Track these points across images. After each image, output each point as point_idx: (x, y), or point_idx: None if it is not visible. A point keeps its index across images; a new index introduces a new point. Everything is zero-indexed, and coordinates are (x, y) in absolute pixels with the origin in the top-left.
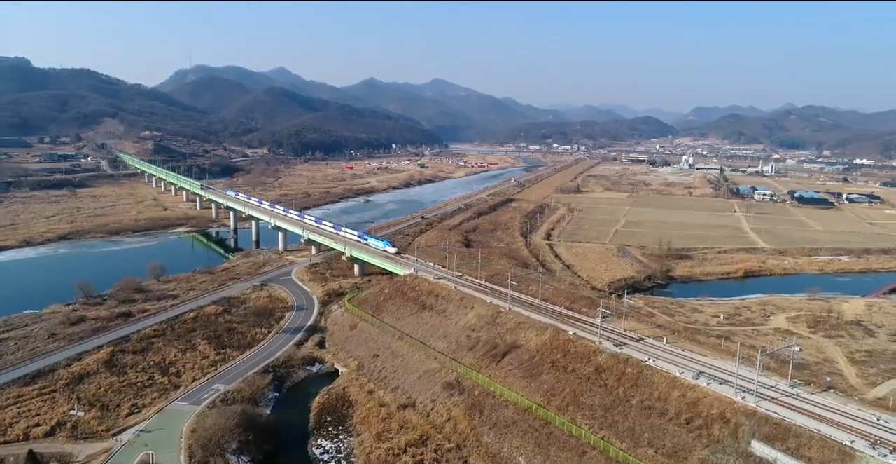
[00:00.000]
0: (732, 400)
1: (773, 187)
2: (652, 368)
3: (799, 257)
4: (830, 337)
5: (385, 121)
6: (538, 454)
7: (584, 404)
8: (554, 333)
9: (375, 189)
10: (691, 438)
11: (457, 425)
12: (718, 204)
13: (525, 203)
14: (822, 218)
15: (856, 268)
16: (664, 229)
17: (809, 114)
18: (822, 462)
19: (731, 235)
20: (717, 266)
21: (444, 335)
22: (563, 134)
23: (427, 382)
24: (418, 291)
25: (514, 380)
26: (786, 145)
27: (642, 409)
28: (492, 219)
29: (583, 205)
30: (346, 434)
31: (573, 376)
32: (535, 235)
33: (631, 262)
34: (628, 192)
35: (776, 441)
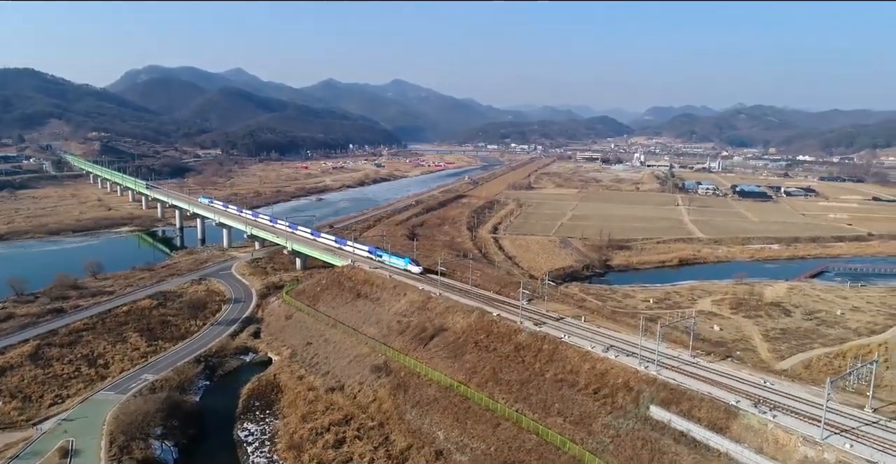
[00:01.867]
0: (636, 370)
1: (718, 182)
2: (567, 344)
3: (732, 246)
4: (750, 317)
5: (343, 121)
6: (455, 428)
7: (503, 380)
8: (480, 315)
9: (329, 188)
10: (597, 406)
11: (381, 405)
12: (663, 198)
13: (475, 199)
14: (759, 210)
15: (784, 255)
16: (608, 222)
17: (758, 113)
18: (710, 421)
19: (672, 227)
20: (654, 255)
21: (376, 322)
22: (521, 134)
23: (357, 366)
24: (354, 281)
25: (439, 361)
26: (735, 143)
27: (555, 382)
28: (440, 214)
29: (532, 200)
30: (273, 417)
31: (494, 355)
32: (482, 229)
33: (571, 252)
34: (578, 188)
35: (672, 405)
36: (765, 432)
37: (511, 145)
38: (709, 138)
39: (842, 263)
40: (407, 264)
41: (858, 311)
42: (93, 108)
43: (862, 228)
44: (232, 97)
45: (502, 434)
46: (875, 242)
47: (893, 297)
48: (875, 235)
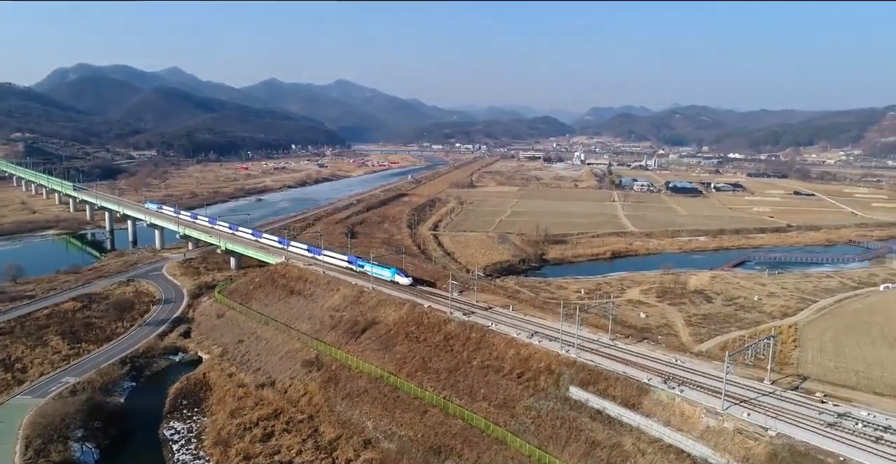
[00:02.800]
0: (558, 354)
1: (653, 179)
2: (494, 332)
3: (662, 239)
4: (674, 304)
5: (285, 122)
6: (385, 417)
7: (432, 369)
8: (411, 307)
9: (269, 188)
10: (520, 389)
11: (312, 399)
12: (600, 195)
13: (417, 198)
14: (689, 205)
15: (710, 246)
16: (547, 218)
17: (692, 113)
18: (624, 398)
19: (606, 222)
20: (588, 249)
21: (309, 317)
22: (466, 134)
23: (288, 361)
24: (288, 278)
25: (371, 353)
26: (671, 142)
27: (482, 368)
28: (380, 212)
29: (474, 198)
30: (201, 415)
31: (424, 345)
32: (422, 227)
33: (508, 247)
34: (519, 186)
35: (589, 385)
36: (672, 406)
37: (456, 145)
38: (646, 137)
39: (763, 252)
40: (394, 275)
41: (774, 296)
42: (16, 107)
43: (782, 219)
44: (168, 97)
45: (429, 421)
46: (794, 233)
47: (807, 282)
48: (794, 227)
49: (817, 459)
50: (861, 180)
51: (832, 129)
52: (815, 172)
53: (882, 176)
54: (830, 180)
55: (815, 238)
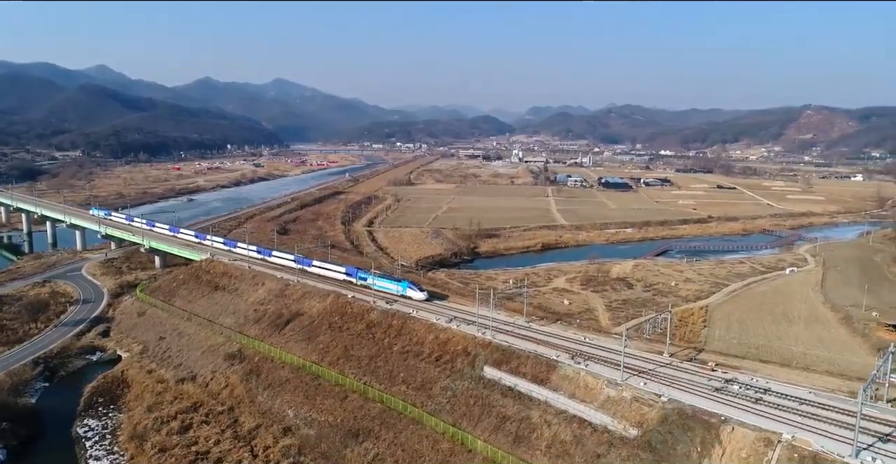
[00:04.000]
0: (475, 336)
1: (587, 176)
2: (415, 318)
3: (592, 231)
4: (597, 291)
5: (221, 121)
6: (305, 405)
7: (353, 357)
8: (335, 298)
9: (202, 188)
10: (438, 371)
11: (233, 391)
12: (535, 191)
13: (354, 195)
14: (619, 199)
15: (636, 237)
16: (482, 213)
17: (627, 112)
18: (534, 375)
19: (539, 216)
20: (520, 241)
21: (233, 312)
22: (407, 133)
23: (210, 356)
24: (213, 274)
25: (294, 344)
26: (607, 140)
27: (402, 353)
28: (315, 210)
29: (411, 195)
30: (117, 412)
31: (347, 334)
32: (357, 224)
33: (442, 242)
34: (457, 183)
35: (503, 364)
36: (578, 380)
37: (397, 144)
38: (583, 136)
39: (684, 242)
40: (405, 289)
41: (690, 281)
42: None
43: (704, 211)
44: (95, 96)
45: (349, 406)
46: (714, 224)
47: (721, 268)
48: (714, 218)
49: (702, 419)
50: (779, 175)
51: (755, 127)
52: (738, 168)
53: (798, 170)
54: (751, 175)
55: (732, 228)
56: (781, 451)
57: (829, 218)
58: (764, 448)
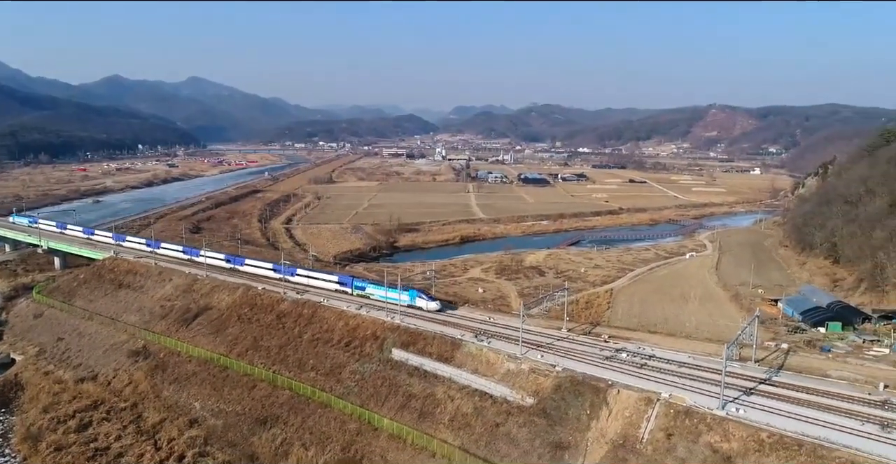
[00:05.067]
0: (384, 321)
1: (508, 172)
2: (325, 306)
3: (509, 224)
4: (511, 279)
5: (132, 120)
6: (213, 396)
7: (263, 347)
8: (245, 290)
9: (110, 189)
10: (347, 356)
11: (137, 387)
12: (457, 187)
13: (272, 194)
14: (537, 193)
15: (551, 229)
16: (402, 209)
17: (547, 111)
18: (439, 354)
19: (459, 210)
20: (439, 235)
21: (138, 309)
22: (329, 132)
23: (113, 354)
24: (116, 272)
25: (202, 337)
26: (528, 138)
27: (311, 341)
28: (230, 209)
29: (332, 193)
30: (9, 415)
31: (257, 325)
32: (275, 221)
33: (361, 237)
34: (380, 180)
35: (410, 346)
36: (480, 356)
37: (319, 144)
38: (506, 134)
39: (596, 232)
40: (414, 299)
41: (599, 268)
42: None
43: (616, 204)
44: None
45: (257, 395)
46: (624, 215)
47: (628, 255)
48: (624, 209)
49: (592, 385)
50: (686, 169)
51: (666, 125)
52: (650, 163)
53: (704, 165)
54: (661, 170)
55: (641, 219)
56: (660, 408)
57: (729, 208)
58: (645, 407)
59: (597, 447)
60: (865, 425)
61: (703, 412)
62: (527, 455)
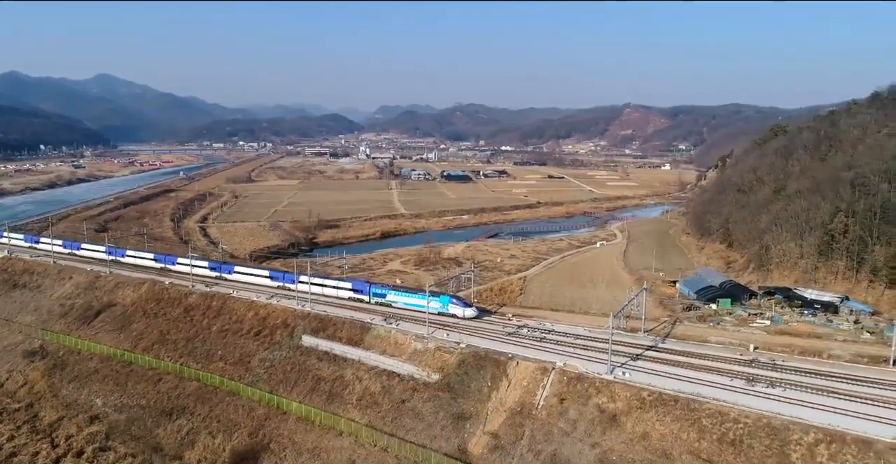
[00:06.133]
0: (294, 309)
1: (431, 170)
2: (235, 298)
3: (430, 219)
4: (429, 270)
5: (33, 119)
6: (115, 392)
7: (170, 340)
8: (151, 285)
9: (8, 191)
10: (257, 345)
11: (33, 387)
12: (380, 184)
13: (187, 193)
14: (459, 190)
15: (471, 223)
16: (323, 206)
17: (471, 111)
18: (349, 338)
19: (381, 207)
20: (359, 231)
21: (35, 309)
22: (250, 132)
23: (7, 355)
24: (10, 273)
25: (105, 334)
26: (453, 137)
27: (220, 332)
28: (141, 208)
29: (251, 192)
30: None
31: (163, 319)
32: (189, 220)
33: (279, 234)
34: (301, 179)
35: (320, 332)
36: (389, 338)
37: (239, 144)
38: (431, 134)
39: (515, 225)
40: (446, 305)
41: (515, 258)
42: None
43: (534, 198)
44: None
45: (163, 387)
46: (542, 209)
47: (543, 246)
48: (542, 203)
49: (493, 358)
50: (602, 165)
51: (585, 123)
52: (569, 160)
53: (619, 162)
54: (580, 166)
55: (558, 211)
56: (554, 376)
57: (640, 200)
58: (541, 376)
59: (496, 416)
60: (734, 381)
61: (592, 377)
62: (430, 428)
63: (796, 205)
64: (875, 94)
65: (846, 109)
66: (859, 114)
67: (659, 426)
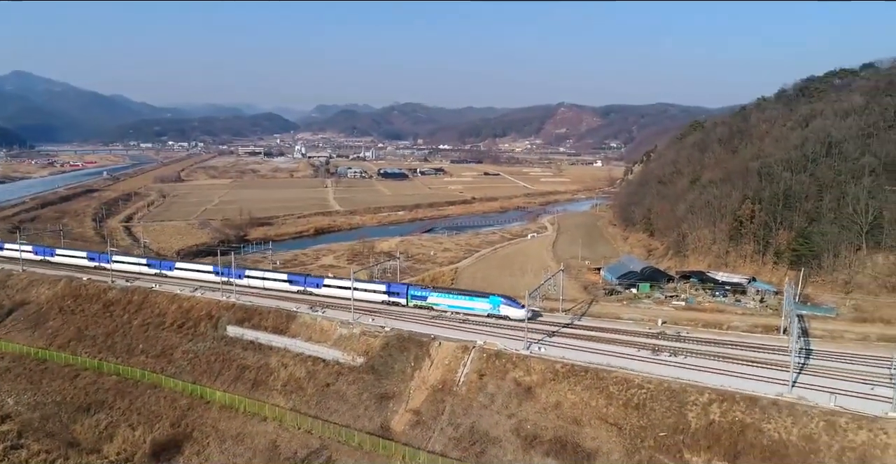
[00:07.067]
0: (219, 300)
1: (368, 168)
2: (157, 291)
3: (365, 215)
4: (362, 264)
5: None
6: (29, 390)
7: (88, 336)
8: (67, 282)
9: None
10: (180, 337)
11: None
12: (314, 182)
13: (111, 193)
14: (395, 187)
15: (406, 218)
16: (256, 204)
17: (409, 110)
18: (274, 327)
19: (315, 204)
20: (293, 228)
21: None
22: (181, 131)
23: None
24: None
25: (17, 333)
26: (391, 136)
27: (142, 326)
28: (60, 208)
29: (180, 191)
30: None
31: (81, 316)
32: (113, 220)
33: (209, 232)
34: (233, 178)
35: (245, 322)
36: (315, 325)
37: (169, 143)
38: (368, 132)
39: (450, 220)
40: (497, 307)
41: (448, 251)
42: None
43: (469, 194)
44: None
45: (80, 383)
46: (476, 204)
47: (476, 239)
48: (477, 199)
49: (416, 340)
50: (537, 163)
51: (520, 122)
52: (505, 158)
53: (554, 159)
54: (515, 164)
55: (492, 207)
56: (475, 354)
57: (571, 195)
58: (462, 354)
59: (418, 394)
60: (641, 351)
61: (510, 353)
62: (354, 408)
63: (709, 194)
64: (781, 90)
65: (756, 105)
66: (767, 109)
67: (571, 395)
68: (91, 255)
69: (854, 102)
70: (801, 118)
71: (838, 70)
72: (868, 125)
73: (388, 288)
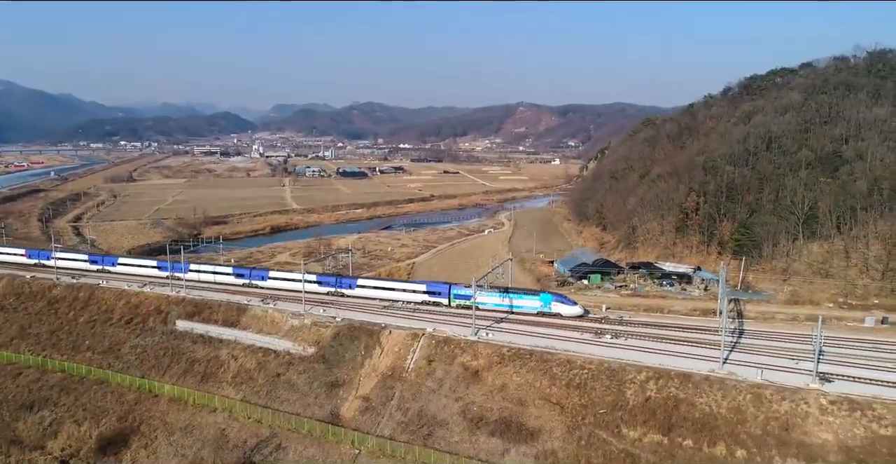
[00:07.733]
0: (168, 295)
1: (327, 167)
2: (104, 288)
3: (323, 213)
4: (318, 261)
5: None
6: None
7: (31, 334)
8: (10, 280)
9: None
10: (128, 333)
11: None
12: (272, 181)
13: (59, 193)
14: (354, 185)
15: (365, 216)
16: (211, 204)
17: (369, 109)
18: (225, 320)
19: (272, 203)
20: (248, 226)
21: None
22: (133, 131)
23: None
24: None
25: None
26: (351, 136)
27: (88, 323)
28: (4, 209)
29: (132, 191)
30: None
31: (24, 314)
32: (60, 220)
33: (161, 231)
34: (188, 178)
35: (195, 316)
36: (266, 317)
37: (121, 143)
38: (328, 132)
39: (408, 218)
40: (548, 305)
41: (406, 247)
42: None
43: (429, 192)
44: None
45: (23, 381)
46: (435, 201)
47: (434, 235)
48: (436, 197)
49: (367, 329)
50: (496, 161)
51: (481, 122)
52: (465, 157)
53: (513, 158)
54: (475, 162)
55: (450, 204)
56: (424, 341)
57: (529, 192)
58: (412, 341)
59: (368, 381)
60: (584, 335)
61: (458, 339)
62: (305, 397)
63: (658, 188)
64: (727, 88)
65: (704, 103)
66: (714, 106)
67: (516, 377)
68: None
69: (792, 99)
70: (743, 115)
71: (779, 69)
72: (805, 121)
73: (428, 287)
